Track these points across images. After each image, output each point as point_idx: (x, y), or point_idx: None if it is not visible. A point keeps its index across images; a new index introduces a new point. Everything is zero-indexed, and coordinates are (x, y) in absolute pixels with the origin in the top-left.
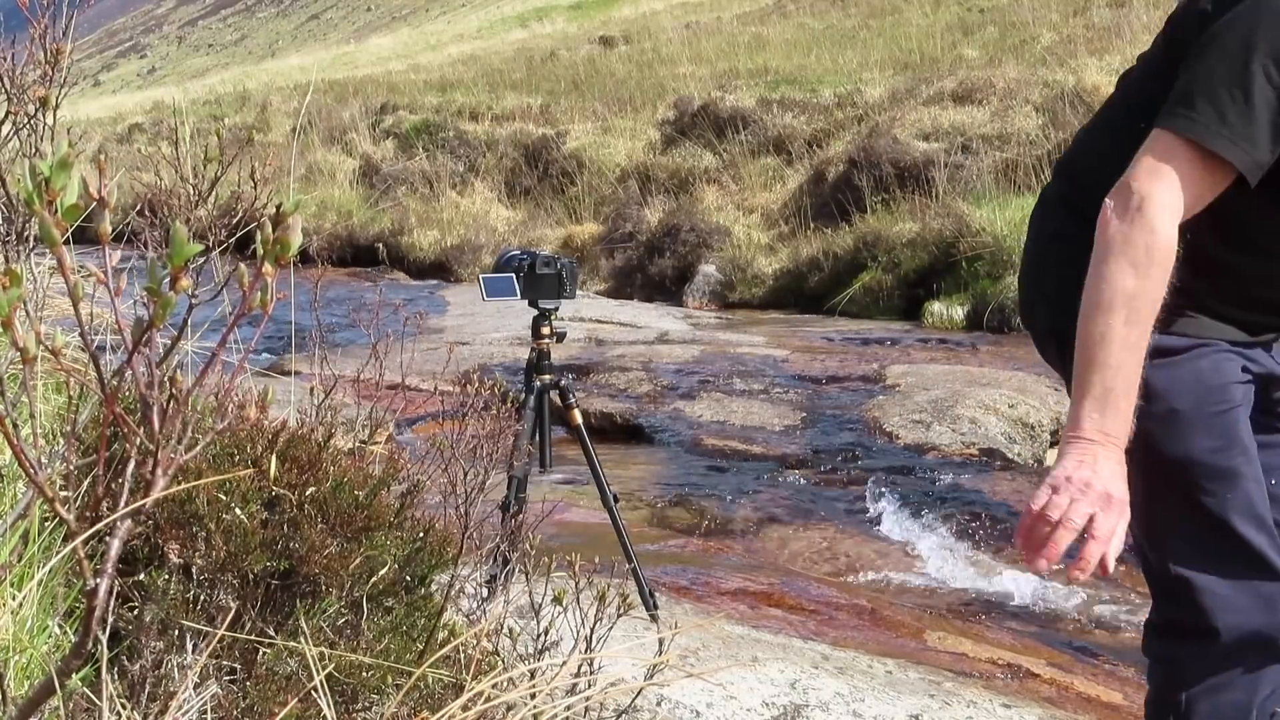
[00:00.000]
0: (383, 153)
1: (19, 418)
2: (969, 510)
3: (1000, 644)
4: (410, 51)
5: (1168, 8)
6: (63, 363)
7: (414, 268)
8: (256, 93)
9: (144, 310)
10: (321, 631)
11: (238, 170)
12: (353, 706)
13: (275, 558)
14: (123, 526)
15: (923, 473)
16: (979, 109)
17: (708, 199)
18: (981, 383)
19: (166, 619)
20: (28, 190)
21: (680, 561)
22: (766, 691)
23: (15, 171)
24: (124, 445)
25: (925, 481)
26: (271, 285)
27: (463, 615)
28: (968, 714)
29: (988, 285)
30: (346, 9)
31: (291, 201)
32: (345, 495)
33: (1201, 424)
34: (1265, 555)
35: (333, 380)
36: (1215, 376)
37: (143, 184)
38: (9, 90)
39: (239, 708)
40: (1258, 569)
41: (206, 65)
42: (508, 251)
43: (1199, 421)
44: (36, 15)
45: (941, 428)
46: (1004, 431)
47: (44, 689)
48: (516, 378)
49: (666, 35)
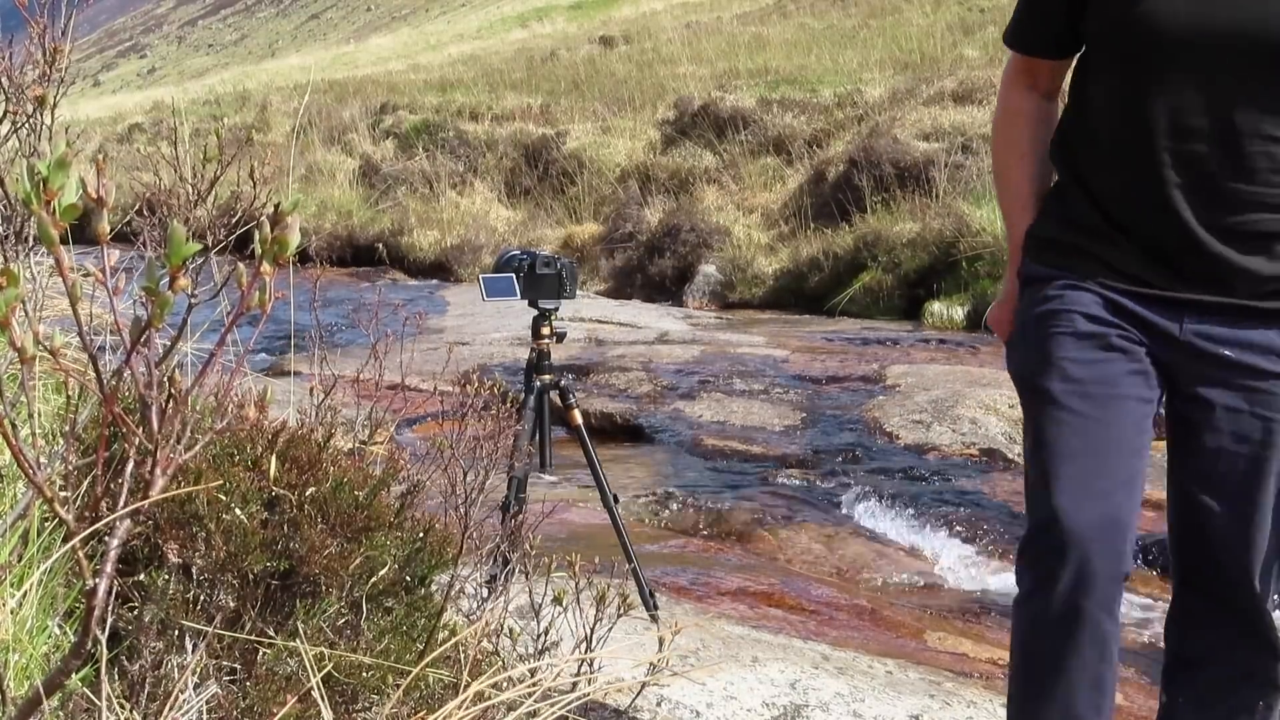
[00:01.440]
0: (383, 153)
1: (18, 418)
2: (969, 510)
3: (1000, 644)
4: (410, 51)
5: None
6: (62, 363)
7: (414, 268)
8: (256, 93)
9: (143, 310)
10: (321, 631)
11: (237, 170)
12: (352, 706)
13: (275, 558)
14: (122, 526)
15: (923, 473)
16: (979, 109)
17: (708, 199)
18: (982, 383)
19: (166, 619)
20: (26, 190)
21: (680, 561)
22: (766, 692)
23: (14, 171)
24: (123, 445)
25: (925, 482)
26: (270, 285)
27: (462, 615)
28: (968, 714)
29: (988, 285)
30: (346, 9)
31: (290, 201)
32: (345, 495)
33: (1027, 343)
34: (1036, 488)
35: (333, 380)
36: (1058, 304)
37: (142, 184)
38: (7, 90)
39: (238, 708)
40: (1032, 487)
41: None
42: (508, 251)
43: (1028, 340)
44: (35, 15)
45: (942, 428)
46: (1004, 431)
47: (44, 689)
48: (516, 378)
49: (666, 35)
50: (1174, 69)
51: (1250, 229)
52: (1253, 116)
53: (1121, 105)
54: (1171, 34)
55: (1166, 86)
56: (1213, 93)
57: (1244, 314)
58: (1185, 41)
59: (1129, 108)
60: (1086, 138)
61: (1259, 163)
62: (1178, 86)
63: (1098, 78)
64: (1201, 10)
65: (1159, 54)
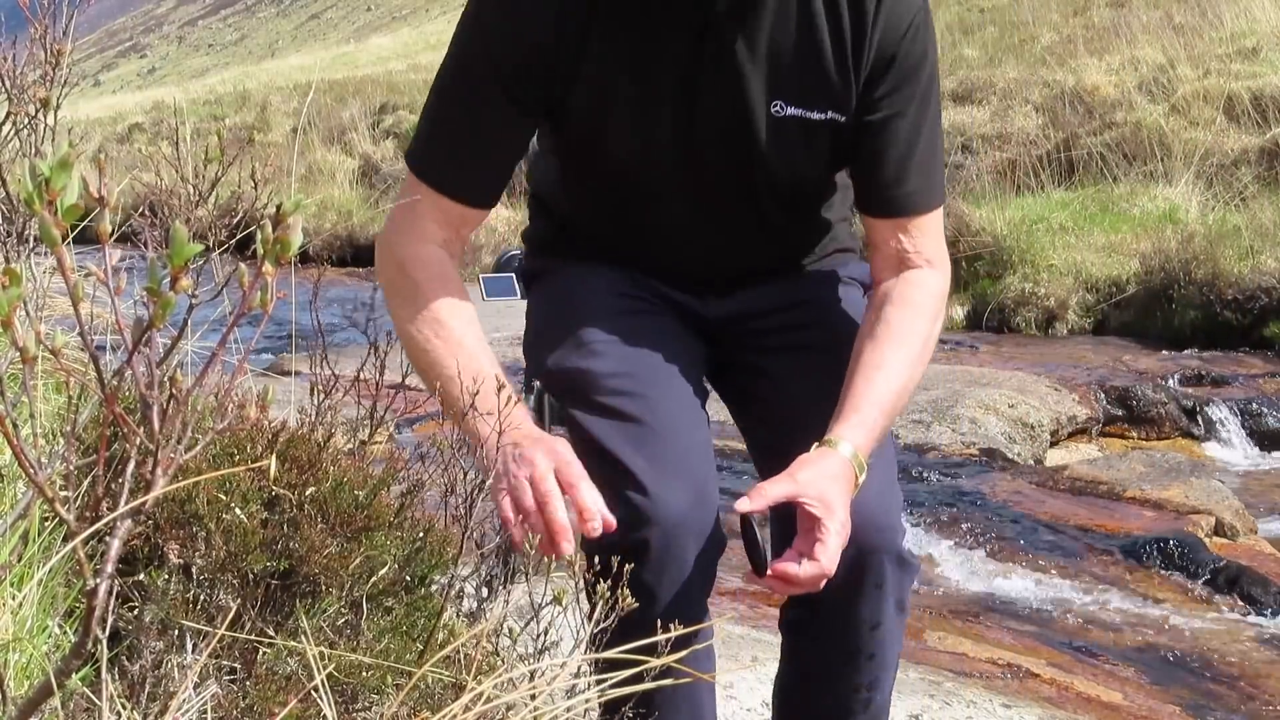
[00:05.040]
0: (383, 153)
1: (19, 418)
2: (969, 510)
3: (1000, 644)
4: (410, 51)
5: (1168, 8)
6: (63, 363)
7: None
8: (256, 93)
9: (144, 310)
10: (321, 631)
11: (238, 170)
12: (353, 706)
13: (275, 558)
14: (122, 526)
15: (922, 473)
16: (979, 109)
17: None
18: (981, 383)
19: (166, 619)
20: (28, 190)
21: None
22: (766, 692)
23: (15, 171)
24: (124, 445)
25: (924, 481)
26: (272, 285)
27: (463, 616)
28: (968, 714)
29: (987, 285)
30: (346, 9)
31: (291, 201)
32: (345, 495)
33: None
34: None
35: (333, 380)
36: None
37: (143, 184)
38: (9, 91)
39: (239, 707)
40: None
41: (206, 65)
42: (508, 251)
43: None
44: (37, 15)
45: (941, 428)
46: (1004, 431)
47: (44, 689)
48: (516, 378)
49: None
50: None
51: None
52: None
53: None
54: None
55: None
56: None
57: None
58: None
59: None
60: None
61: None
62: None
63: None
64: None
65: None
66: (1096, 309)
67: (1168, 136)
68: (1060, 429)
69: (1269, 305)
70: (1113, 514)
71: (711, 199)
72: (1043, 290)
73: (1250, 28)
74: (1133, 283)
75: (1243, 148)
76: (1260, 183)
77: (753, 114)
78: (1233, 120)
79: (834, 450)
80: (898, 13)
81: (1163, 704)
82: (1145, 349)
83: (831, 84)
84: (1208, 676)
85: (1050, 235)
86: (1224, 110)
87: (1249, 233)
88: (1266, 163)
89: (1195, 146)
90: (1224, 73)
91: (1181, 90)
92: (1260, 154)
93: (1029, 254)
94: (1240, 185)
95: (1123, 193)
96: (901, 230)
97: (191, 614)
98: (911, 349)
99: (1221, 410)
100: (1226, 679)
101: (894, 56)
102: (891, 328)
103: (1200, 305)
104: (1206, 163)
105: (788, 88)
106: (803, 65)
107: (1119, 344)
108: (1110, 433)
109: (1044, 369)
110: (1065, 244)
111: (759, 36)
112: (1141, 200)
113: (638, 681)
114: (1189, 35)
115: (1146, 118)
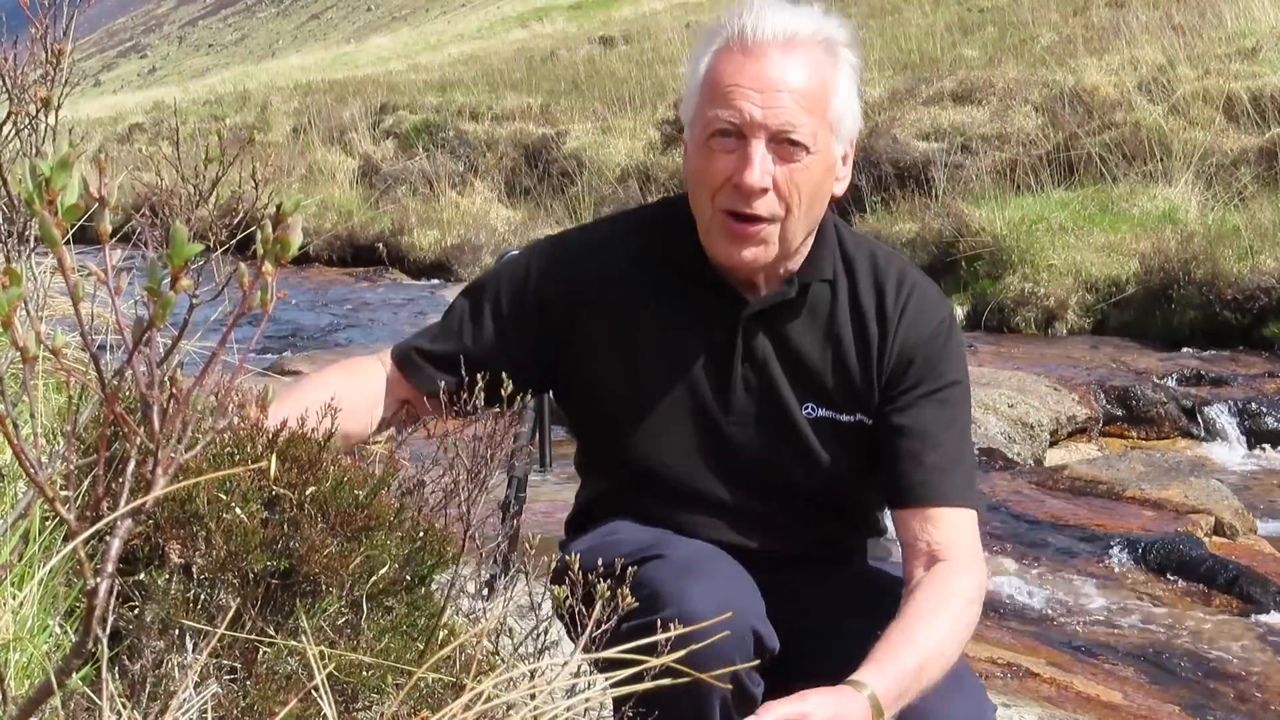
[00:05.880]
0: (383, 153)
1: (19, 417)
2: None
3: (1000, 644)
4: (410, 51)
5: (1168, 8)
6: (63, 362)
7: (414, 268)
8: (257, 93)
9: (144, 310)
10: (321, 631)
11: (238, 170)
12: (353, 706)
13: (275, 557)
14: (123, 526)
15: None
16: (979, 109)
17: None
18: (981, 383)
19: (167, 618)
20: (28, 190)
21: None
22: None
23: (16, 171)
24: (124, 445)
25: None
26: (272, 285)
27: (463, 615)
28: None
29: (987, 285)
30: (346, 9)
31: (291, 201)
32: (345, 495)
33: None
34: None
35: None
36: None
37: (143, 184)
38: (10, 90)
39: (239, 707)
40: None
41: (207, 65)
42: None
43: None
44: (38, 15)
45: None
46: (1004, 431)
47: (44, 688)
48: None
49: (666, 35)
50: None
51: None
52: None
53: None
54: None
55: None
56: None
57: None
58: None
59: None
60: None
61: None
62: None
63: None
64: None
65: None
66: (1096, 309)
67: (1167, 136)
68: (1060, 429)
69: (1268, 305)
70: (1112, 514)
71: (744, 497)
72: (1042, 290)
73: (1250, 28)
74: (1132, 283)
75: (1242, 148)
76: (1259, 183)
77: (788, 414)
78: (1232, 120)
79: (857, 691)
80: (919, 324)
81: (1162, 703)
82: (1145, 349)
83: (856, 389)
84: (1207, 676)
85: (1050, 235)
86: (1223, 110)
87: (1248, 233)
88: (1266, 163)
89: (1195, 146)
90: (1223, 73)
91: (1181, 90)
92: (1260, 154)
93: (1029, 254)
94: (1240, 185)
95: (1122, 193)
96: (925, 521)
97: (192, 613)
98: (921, 646)
99: (1221, 410)
100: (1226, 678)
101: (913, 360)
102: (904, 620)
103: (1200, 305)
104: (1206, 163)
105: (817, 391)
106: (830, 369)
107: (1119, 344)
108: (1110, 432)
109: (1044, 369)
110: (1065, 244)
111: (789, 340)
112: (1141, 200)
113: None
114: (1189, 35)
115: (1146, 118)
